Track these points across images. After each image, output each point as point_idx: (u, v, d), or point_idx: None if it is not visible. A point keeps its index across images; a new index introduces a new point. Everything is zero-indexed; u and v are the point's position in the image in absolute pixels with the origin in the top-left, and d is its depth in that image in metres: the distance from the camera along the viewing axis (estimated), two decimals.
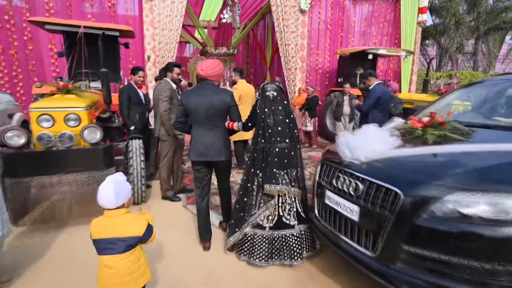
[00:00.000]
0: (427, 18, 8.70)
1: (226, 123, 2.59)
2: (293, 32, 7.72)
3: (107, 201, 1.60)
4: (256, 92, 10.85)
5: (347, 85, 6.21)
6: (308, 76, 8.45)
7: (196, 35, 11.04)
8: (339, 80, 8.06)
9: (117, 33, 4.80)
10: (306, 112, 6.78)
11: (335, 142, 2.36)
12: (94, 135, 2.95)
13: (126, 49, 5.80)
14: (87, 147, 2.96)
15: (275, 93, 2.62)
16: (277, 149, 2.47)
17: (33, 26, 5.88)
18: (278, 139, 2.48)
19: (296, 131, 2.65)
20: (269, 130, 2.49)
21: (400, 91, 7.94)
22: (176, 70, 3.71)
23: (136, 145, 3.55)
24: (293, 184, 2.48)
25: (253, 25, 11.13)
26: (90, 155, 2.93)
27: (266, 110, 2.55)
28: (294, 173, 2.51)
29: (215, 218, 3.33)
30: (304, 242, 2.55)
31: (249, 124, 2.57)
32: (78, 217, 3.20)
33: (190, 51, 14.62)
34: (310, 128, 6.81)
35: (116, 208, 1.63)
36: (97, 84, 5.16)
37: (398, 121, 2.90)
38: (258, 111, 2.59)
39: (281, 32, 7.74)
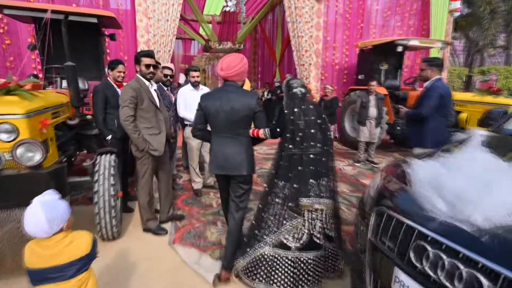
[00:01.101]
0: (460, 6, 7.60)
1: (250, 131, 2.25)
2: (307, 22, 6.75)
3: (39, 231, 1.34)
4: (264, 91, 10.12)
5: (374, 83, 5.22)
6: (324, 73, 7.46)
7: (201, 31, 10.18)
8: (359, 77, 7.07)
9: (94, 20, 3.91)
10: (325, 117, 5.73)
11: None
12: (32, 155, 2.04)
13: (113, 41, 4.95)
14: (24, 172, 2.06)
15: (303, 90, 2.26)
16: (311, 156, 2.14)
17: (10, 18, 5.07)
18: (311, 143, 2.15)
19: (329, 133, 2.33)
20: (300, 134, 2.15)
21: None
22: (146, 60, 2.74)
23: (105, 163, 2.65)
24: (325, 195, 2.15)
25: (261, 17, 10.18)
26: (27, 183, 2.03)
27: (295, 110, 2.19)
28: (325, 182, 2.17)
29: (207, 264, 2.42)
30: (330, 262, 2.29)
31: (278, 130, 2.20)
32: (14, 270, 2.18)
33: (196, 49, 13.78)
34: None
35: (53, 235, 1.37)
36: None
37: (480, 134, 1.91)
38: (286, 111, 2.22)
39: (293, 22, 6.77)
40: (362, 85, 6.72)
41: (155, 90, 3.08)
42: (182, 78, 13.98)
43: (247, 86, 4.26)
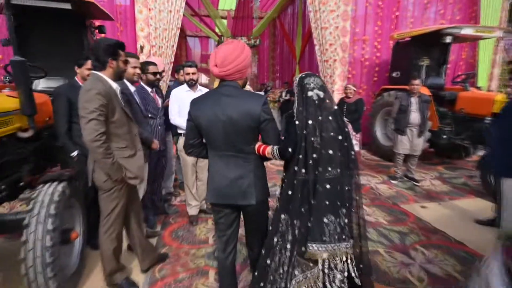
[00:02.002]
0: None
1: (256, 146, 1.68)
2: (333, 11, 5.76)
3: None
4: (282, 91, 9.20)
5: (417, 82, 4.17)
6: (351, 71, 6.44)
7: (217, 29, 9.44)
8: (393, 74, 6.00)
9: (67, 6, 3.20)
10: (349, 124, 4.68)
11: None
12: None
13: (101, 34, 4.24)
14: None
15: (321, 93, 1.67)
16: (327, 186, 1.59)
17: None
18: (329, 168, 1.61)
19: (353, 152, 1.75)
20: (314, 155, 1.61)
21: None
22: (123, 54, 1.95)
23: (45, 198, 1.87)
24: (345, 236, 1.60)
25: (279, 10, 9.26)
26: None
27: (309, 122, 1.63)
28: (347, 216, 1.63)
29: None
30: None
31: (290, 149, 1.64)
32: None
33: (213, 47, 13.08)
34: (356, 147, 4.69)
35: None
36: (48, 84, 3.64)
37: None
38: (297, 123, 1.66)
39: (315, 11, 5.81)
40: (397, 84, 5.68)
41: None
42: (203, 78, 13.44)
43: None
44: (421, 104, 4.18)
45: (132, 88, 2.51)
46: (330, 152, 1.61)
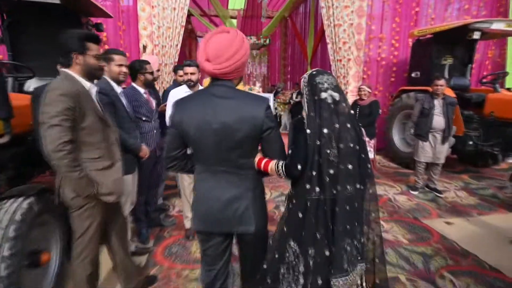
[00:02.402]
0: None
1: (256, 160, 1.37)
2: (347, 7, 5.39)
3: None
4: (293, 93, 8.84)
5: (441, 82, 3.75)
6: (366, 71, 6.03)
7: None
8: (413, 75, 5.57)
9: (56, 0, 2.97)
10: (362, 129, 4.26)
11: None
12: None
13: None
14: None
15: (336, 94, 1.38)
16: (347, 207, 1.36)
17: None
18: (348, 186, 1.36)
19: (369, 164, 1.48)
20: (331, 171, 1.34)
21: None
22: (94, 48, 1.65)
23: (4, 217, 1.60)
24: (360, 257, 1.41)
25: (289, 8, 8.91)
26: None
27: (325, 131, 1.34)
28: (361, 235, 1.43)
29: None
30: None
31: (299, 166, 1.35)
32: None
33: None
34: (370, 154, 4.26)
35: None
36: (41, 84, 3.44)
37: None
38: (308, 132, 1.35)
39: (328, 7, 5.44)
40: (417, 85, 5.26)
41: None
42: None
43: (240, 86, 3.04)
44: (445, 107, 3.76)
45: (118, 89, 2.23)
46: (350, 166, 1.36)
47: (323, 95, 1.37)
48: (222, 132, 1.26)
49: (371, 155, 4.26)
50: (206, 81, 3.47)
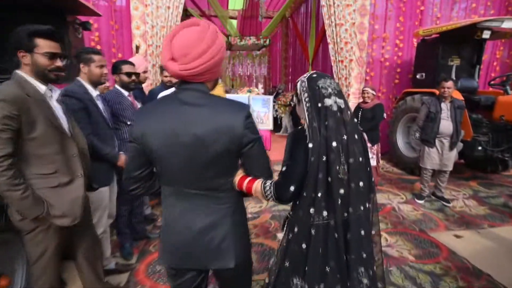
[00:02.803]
0: None
1: (237, 180, 1.13)
2: (349, 5, 5.16)
3: None
4: (293, 95, 8.51)
5: (449, 84, 3.51)
6: (369, 72, 5.79)
7: (229, 28, 8.99)
8: (418, 76, 5.32)
9: None
10: (364, 134, 3.98)
11: None
12: None
13: (86, 31, 3.83)
14: None
15: (341, 101, 1.21)
16: (362, 231, 1.21)
17: None
18: (361, 206, 1.21)
19: (373, 178, 1.34)
20: (341, 191, 1.17)
21: None
22: (45, 45, 1.41)
23: None
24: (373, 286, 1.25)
25: (289, 7, 8.70)
26: None
27: (333, 144, 1.17)
28: (371, 259, 1.27)
29: None
30: None
31: (291, 188, 1.17)
32: None
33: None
34: (372, 161, 4.01)
35: None
36: None
37: None
38: (310, 146, 1.17)
39: (329, 6, 5.22)
40: (422, 87, 5.01)
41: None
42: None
43: (219, 91, 2.73)
44: (453, 111, 3.52)
45: (94, 92, 2.02)
46: (361, 184, 1.21)
47: (328, 101, 1.17)
48: (193, 146, 1.04)
49: (373, 162, 4.02)
50: (220, 87, 3.12)
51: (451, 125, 3.52)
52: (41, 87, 1.44)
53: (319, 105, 1.19)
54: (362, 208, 1.22)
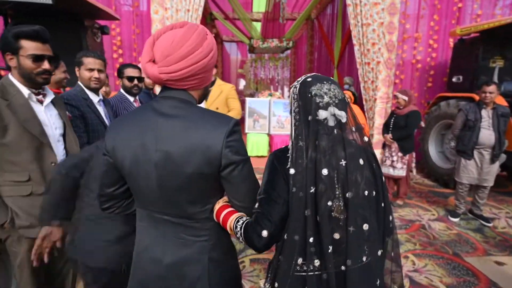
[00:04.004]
0: None
1: (216, 209, 0.94)
2: (377, 4, 4.83)
3: None
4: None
5: (492, 88, 3.11)
6: (399, 75, 5.39)
7: (252, 32, 8.89)
8: (454, 79, 4.88)
9: (48, 0, 2.79)
10: (395, 142, 3.69)
11: None
12: None
13: (105, 35, 3.84)
14: None
15: (342, 114, 0.92)
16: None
17: None
18: (363, 257, 0.92)
19: (391, 217, 1.02)
20: (336, 235, 0.89)
21: None
22: (29, 47, 1.33)
23: None
24: None
25: (314, 8, 8.42)
26: None
27: (323, 172, 0.87)
28: None
29: None
30: None
31: (264, 234, 0.89)
32: None
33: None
34: (401, 171, 3.67)
35: None
36: None
37: None
38: (291, 172, 0.90)
39: (356, 5, 4.91)
40: (458, 91, 4.58)
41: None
42: (241, 83, 13.06)
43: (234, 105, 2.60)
44: (496, 119, 3.11)
45: (95, 98, 1.93)
46: (365, 227, 0.91)
47: (322, 114, 0.90)
48: (163, 165, 0.89)
49: (402, 172, 3.67)
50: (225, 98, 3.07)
51: (492, 134, 3.11)
52: (25, 91, 1.38)
53: (310, 118, 0.91)
54: (366, 259, 0.93)
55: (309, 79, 0.97)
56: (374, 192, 0.96)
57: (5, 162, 1.34)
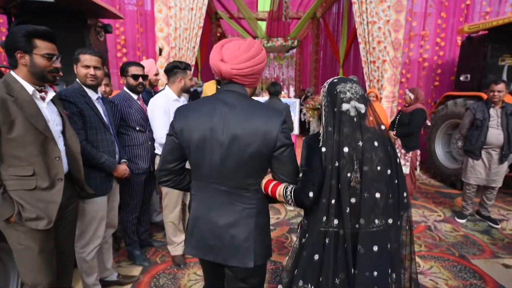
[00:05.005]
0: None
1: (264, 182, 1.21)
2: (383, 1, 4.76)
3: None
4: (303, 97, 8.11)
5: (500, 86, 3.03)
6: (405, 73, 5.31)
7: (258, 32, 8.85)
8: (461, 78, 4.78)
9: None
10: (398, 139, 3.66)
11: None
12: None
13: (108, 34, 3.83)
14: None
15: (362, 106, 1.18)
16: (374, 247, 1.15)
17: None
18: (375, 219, 1.15)
19: (405, 194, 1.25)
20: (352, 200, 1.15)
21: None
22: (44, 45, 1.41)
23: None
24: None
25: (320, 7, 8.36)
26: None
27: (345, 149, 1.15)
28: (397, 283, 1.22)
29: None
30: None
31: (310, 194, 1.14)
32: None
33: None
34: (404, 169, 3.61)
35: None
36: None
37: None
38: (323, 150, 1.17)
39: (361, 3, 4.85)
40: (466, 90, 4.49)
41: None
42: None
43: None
44: (505, 118, 3.03)
45: (94, 95, 1.92)
46: (377, 195, 1.15)
47: (345, 106, 1.16)
48: (229, 145, 1.12)
49: (406, 169, 3.62)
50: (209, 85, 3.07)
51: (501, 134, 3.03)
52: (29, 88, 1.41)
53: (335, 109, 1.17)
54: (378, 221, 1.15)
55: (335, 80, 1.23)
56: (389, 171, 1.17)
57: (10, 157, 1.37)
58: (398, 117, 3.74)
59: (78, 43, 3.42)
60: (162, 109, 2.34)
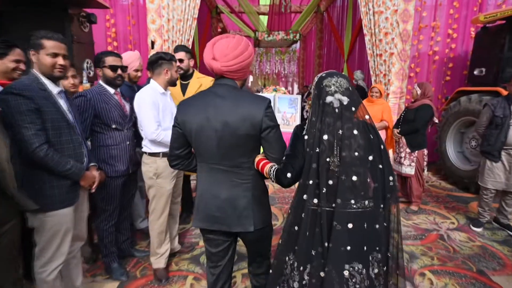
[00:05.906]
0: None
1: (256, 160, 1.42)
2: None
3: None
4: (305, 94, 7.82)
5: None
6: (414, 67, 4.97)
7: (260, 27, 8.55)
8: (476, 72, 4.42)
9: None
10: (403, 138, 3.40)
11: None
12: None
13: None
14: None
15: (344, 98, 1.30)
16: (349, 225, 1.26)
17: None
18: (351, 200, 1.26)
19: (391, 178, 1.32)
20: (330, 181, 1.28)
21: None
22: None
23: None
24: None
25: (322, 0, 8.00)
26: None
27: (324, 137, 1.27)
28: (382, 262, 1.30)
29: None
30: None
31: (288, 175, 1.32)
32: None
33: None
34: (408, 169, 3.38)
35: None
36: None
37: None
38: (306, 137, 1.32)
39: None
40: (481, 85, 4.15)
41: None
42: (249, 79, 12.75)
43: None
44: None
45: (54, 88, 1.64)
46: (354, 178, 1.24)
47: (329, 99, 1.27)
48: (222, 130, 1.31)
49: (411, 170, 3.33)
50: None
51: None
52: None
53: (320, 102, 1.28)
54: (355, 202, 1.25)
55: (323, 75, 1.34)
56: (370, 157, 1.27)
57: None
58: (403, 114, 3.46)
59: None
60: (150, 103, 2.07)
